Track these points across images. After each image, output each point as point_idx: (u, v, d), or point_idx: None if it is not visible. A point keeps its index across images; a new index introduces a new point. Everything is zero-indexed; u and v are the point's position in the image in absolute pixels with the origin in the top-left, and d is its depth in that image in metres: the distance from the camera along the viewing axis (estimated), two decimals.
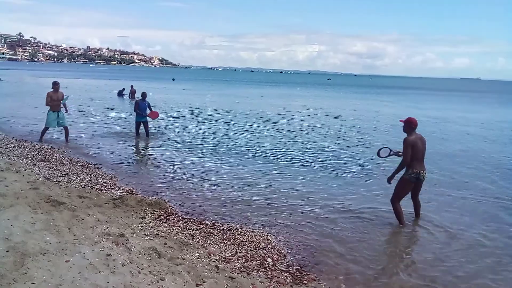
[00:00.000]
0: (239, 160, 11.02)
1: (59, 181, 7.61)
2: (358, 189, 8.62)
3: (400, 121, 6.76)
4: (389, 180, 6.66)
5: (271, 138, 15.01)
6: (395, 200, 6.59)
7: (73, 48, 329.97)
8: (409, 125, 6.48)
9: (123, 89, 30.90)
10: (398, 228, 6.50)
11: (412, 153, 6.30)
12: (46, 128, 12.10)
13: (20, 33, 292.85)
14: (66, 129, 12.24)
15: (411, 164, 6.37)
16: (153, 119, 14.08)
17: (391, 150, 7.10)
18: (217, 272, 4.52)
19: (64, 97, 12.14)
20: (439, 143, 14.90)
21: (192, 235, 5.65)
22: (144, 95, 13.96)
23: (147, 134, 13.80)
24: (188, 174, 9.25)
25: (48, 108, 11.95)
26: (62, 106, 12.13)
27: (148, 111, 13.76)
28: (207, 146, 12.81)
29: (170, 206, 6.86)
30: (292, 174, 9.65)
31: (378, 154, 7.34)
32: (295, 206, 7.35)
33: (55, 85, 11.91)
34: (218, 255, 5.05)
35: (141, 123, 13.75)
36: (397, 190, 6.58)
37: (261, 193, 8.08)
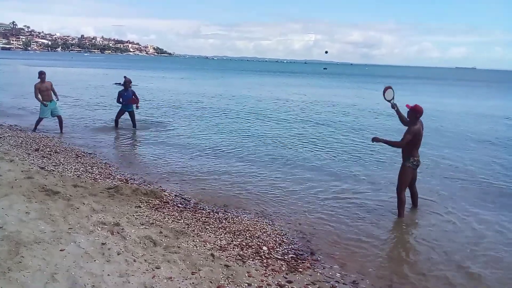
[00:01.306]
0: (234, 150, 11.00)
1: (53, 171, 7.58)
2: (353, 178, 8.63)
3: (407, 106, 6.41)
4: (374, 139, 6.43)
5: (266, 128, 14.99)
6: (401, 189, 6.47)
7: (67, 37, 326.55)
8: (415, 113, 6.26)
9: (125, 77, 30.51)
10: (396, 218, 6.49)
11: (414, 142, 6.22)
12: (40, 119, 11.97)
13: (13, 21, 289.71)
14: (60, 118, 12.11)
15: (411, 152, 6.30)
16: (134, 104, 13.15)
17: (393, 97, 6.84)
18: (212, 261, 4.53)
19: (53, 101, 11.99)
20: (442, 133, 14.95)
21: (187, 224, 5.65)
22: (127, 85, 13.14)
23: (134, 125, 13.32)
24: (183, 164, 9.23)
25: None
26: (53, 95, 11.97)
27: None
28: (203, 137, 12.78)
29: (165, 195, 6.85)
30: (287, 165, 9.64)
31: (383, 93, 6.92)
32: (290, 196, 7.36)
33: (41, 75, 11.66)
34: (214, 244, 5.06)
35: (126, 112, 13.20)
36: (401, 179, 6.48)
37: (256, 182, 8.09)
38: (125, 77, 13.26)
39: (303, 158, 10.31)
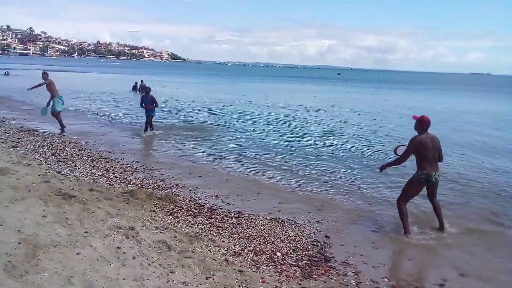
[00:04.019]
0: (249, 155, 11.02)
1: (70, 175, 7.67)
2: (368, 187, 8.57)
3: (413, 117, 6.30)
4: (381, 168, 6.46)
5: (282, 133, 14.99)
6: (402, 201, 6.23)
7: (84, 42, 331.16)
8: (420, 124, 6.09)
9: (136, 83, 31.15)
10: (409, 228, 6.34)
11: (421, 153, 5.98)
12: (59, 113, 12.65)
13: (30, 27, 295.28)
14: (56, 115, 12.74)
15: (421, 165, 6.03)
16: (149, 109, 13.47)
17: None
18: (226, 266, 4.53)
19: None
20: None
21: (201, 229, 5.66)
22: (148, 90, 13.75)
23: (152, 128, 13.63)
24: (198, 169, 9.27)
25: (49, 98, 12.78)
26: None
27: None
28: (219, 142, 12.83)
29: (179, 200, 6.87)
30: (303, 171, 9.62)
31: (395, 152, 6.66)
32: (304, 203, 7.34)
33: (44, 74, 12.89)
34: (228, 249, 5.06)
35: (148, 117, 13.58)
36: (404, 190, 6.26)
37: (271, 188, 8.09)
38: (142, 81, 13.51)
39: (320, 166, 10.27)
